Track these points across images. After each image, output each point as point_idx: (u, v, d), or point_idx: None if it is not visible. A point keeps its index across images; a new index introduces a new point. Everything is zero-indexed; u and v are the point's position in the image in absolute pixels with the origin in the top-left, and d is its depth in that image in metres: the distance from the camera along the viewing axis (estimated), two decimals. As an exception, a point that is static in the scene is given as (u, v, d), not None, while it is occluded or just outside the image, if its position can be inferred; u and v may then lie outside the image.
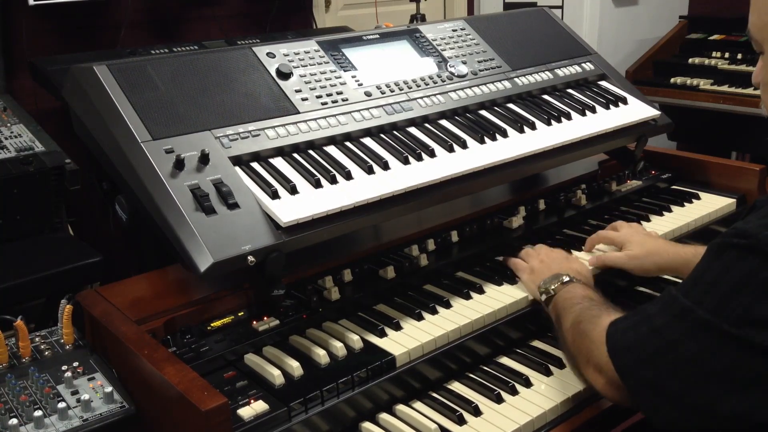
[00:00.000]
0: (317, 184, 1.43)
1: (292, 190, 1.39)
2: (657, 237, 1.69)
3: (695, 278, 1.08)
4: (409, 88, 1.74)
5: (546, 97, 1.93)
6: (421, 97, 1.73)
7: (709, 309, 1.02)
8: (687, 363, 1.04)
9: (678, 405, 1.06)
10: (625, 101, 1.99)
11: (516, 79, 1.92)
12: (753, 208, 1.10)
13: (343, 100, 1.64)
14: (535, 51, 2.03)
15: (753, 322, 0.98)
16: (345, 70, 1.70)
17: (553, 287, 1.43)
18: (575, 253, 1.70)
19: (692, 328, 1.03)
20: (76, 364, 1.30)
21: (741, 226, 1.03)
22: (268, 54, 1.64)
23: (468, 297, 1.51)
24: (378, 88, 1.70)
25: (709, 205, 1.96)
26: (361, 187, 1.45)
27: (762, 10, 1.15)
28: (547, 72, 1.99)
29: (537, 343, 1.52)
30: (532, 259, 1.57)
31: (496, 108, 1.83)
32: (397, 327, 1.40)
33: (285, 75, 1.61)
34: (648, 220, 1.87)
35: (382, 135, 1.63)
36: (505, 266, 1.64)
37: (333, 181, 1.45)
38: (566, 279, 1.43)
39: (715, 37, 4.13)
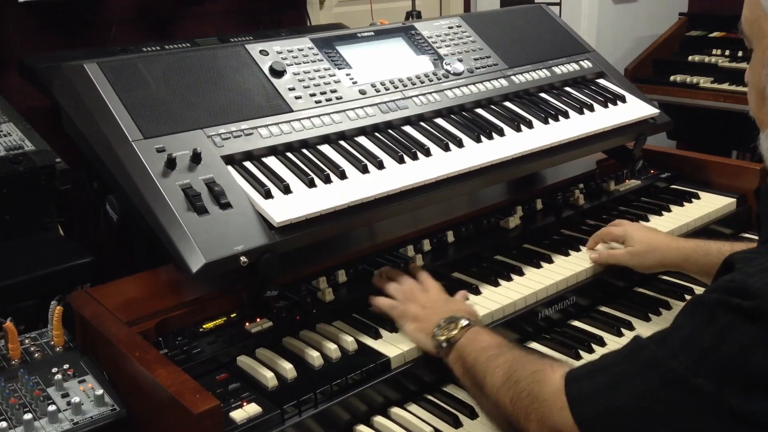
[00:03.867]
0: (311, 184, 1.41)
1: (286, 189, 1.38)
2: (658, 232, 1.68)
3: (669, 332, 0.95)
4: (405, 86, 1.72)
5: (543, 95, 1.92)
6: (417, 96, 1.71)
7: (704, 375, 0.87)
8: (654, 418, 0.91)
9: None
10: (623, 99, 1.97)
11: (513, 77, 1.90)
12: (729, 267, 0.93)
13: (337, 98, 1.62)
14: (533, 48, 2.02)
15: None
16: (339, 68, 1.68)
17: (452, 334, 1.26)
18: (573, 253, 1.69)
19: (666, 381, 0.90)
20: (66, 366, 1.29)
21: (741, 279, 0.86)
22: (261, 52, 1.62)
23: (464, 298, 1.49)
24: (373, 86, 1.68)
25: (709, 204, 1.95)
26: (356, 187, 1.43)
27: (752, 3, 1.09)
28: (544, 70, 1.97)
29: (534, 345, 1.50)
30: (411, 305, 1.38)
31: (492, 106, 1.81)
32: (392, 328, 1.39)
33: (278, 73, 1.59)
34: (647, 220, 1.86)
35: (376, 134, 1.61)
36: (501, 267, 1.63)
37: (327, 180, 1.43)
38: (465, 323, 1.27)
39: (715, 34, 4.12)
